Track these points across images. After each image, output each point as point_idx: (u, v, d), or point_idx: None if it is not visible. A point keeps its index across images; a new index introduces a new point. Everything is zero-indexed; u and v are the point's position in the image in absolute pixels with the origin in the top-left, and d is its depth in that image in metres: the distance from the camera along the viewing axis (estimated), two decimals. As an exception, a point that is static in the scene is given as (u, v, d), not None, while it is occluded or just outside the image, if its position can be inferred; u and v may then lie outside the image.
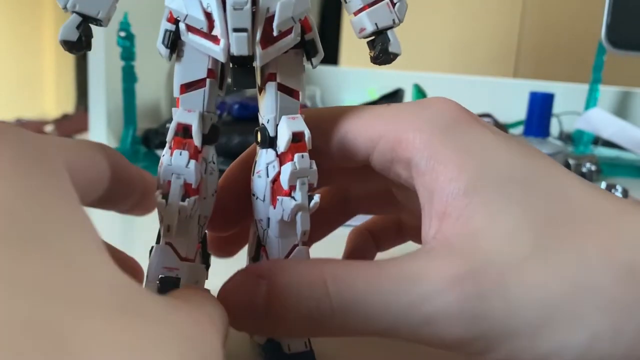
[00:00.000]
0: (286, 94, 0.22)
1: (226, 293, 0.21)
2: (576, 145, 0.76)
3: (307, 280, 0.20)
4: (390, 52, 0.22)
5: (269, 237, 0.23)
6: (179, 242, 0.22)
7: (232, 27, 0.20)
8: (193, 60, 0.22)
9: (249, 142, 0.24)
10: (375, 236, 0.30)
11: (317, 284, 0.19)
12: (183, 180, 0.21)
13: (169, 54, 0.22)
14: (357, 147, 0.23)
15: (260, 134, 0.23)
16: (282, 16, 0.20)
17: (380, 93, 0.88)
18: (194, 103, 0.22)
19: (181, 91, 0.22)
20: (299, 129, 0.22)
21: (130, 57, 0.59)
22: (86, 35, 0.21)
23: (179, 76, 0.22)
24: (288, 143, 0.22)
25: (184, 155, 0.21)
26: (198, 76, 0.22)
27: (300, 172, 0.22)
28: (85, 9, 0.20)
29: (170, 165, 0.21)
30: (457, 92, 1.01)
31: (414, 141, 0.21)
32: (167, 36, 0.21)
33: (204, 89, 0.22)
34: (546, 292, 0.18)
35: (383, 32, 0.22)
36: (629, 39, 0.60)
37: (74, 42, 0.21)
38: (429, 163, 0.21)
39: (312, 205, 0.22)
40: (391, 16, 0.22)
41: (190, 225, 0.22)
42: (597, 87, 0.74)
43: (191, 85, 0.22)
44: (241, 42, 0.20)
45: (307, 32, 0.22)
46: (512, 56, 1.31)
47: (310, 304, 0.19)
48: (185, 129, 0.22)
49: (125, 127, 0.61)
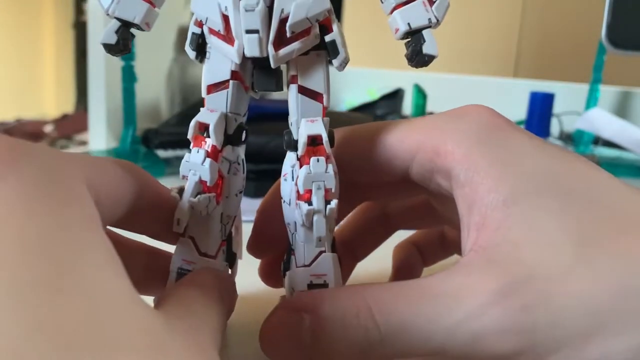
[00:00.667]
0: (307, 96, 0.22)
1: (270, 331, 0.20)
2: (576, 145, 0.75)
3: (352, 310, 0.19)
4: (424, 53, 0.21)
5: (296, 242, 0.23)
6: (200, 238, 0.23)
7: (244, 28, 0.20)
8: (217, 61, 0.22)
9: (248, 142, 0.24)
10: (420, 250, 0.29)
11: (363, 312, 0.19)
12: (199, 177, 0.22)
13: (196, 56, 0.22)
14: (396, 160, 0.23)
15: (286, 137, 0.23)
16: (296, 17, 0.20)
17: (380, 93, 0.88)
18: (217, 103, 0.22)
19: (208, 91, 0.22)
20: (317, 132, 0.21)
21: (130, 57, 0.59)
22: (124, 39, 0.22)
23: (206, 77, 0.22)
24: (304, 146, 0.21)
25: (201, 153, 0.22)
26: (222, 77, 0.22)
27: (315, 176, 0.21)
28: (123, 14, 0.22)
29: (188, 162, 0.22)
30: (457, 92, 1.01)
31: (453, 152, 0.21)
32: (194, 39, 0.22)
33: (227, 90, 0.22)
34: (592, 299, 0.18)
35: (418, 32, 0.21)
36: (629, 38, 0.60)
37: (112, 45, 0.22)
38: (467, 175, 0.21)
39: (329, 211, 0.21)
40: (427, 15, 0.21)
41: (211, 223, 0.23)
42: (598, 87, 0.74)
43: (216, 86, 0.22)
44: (252, 43, 0.20)
45: (329, 32, 0.21)
46: (512, 56, 1.31)
47: (358, 334, 0.19)
48: (206, 128, 0.22)
49: (125, 127, 0.61)
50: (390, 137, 0.23)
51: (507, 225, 0.19)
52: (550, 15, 1.28)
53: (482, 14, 1.32)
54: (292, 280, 0.23)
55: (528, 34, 1.30)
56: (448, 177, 0.22)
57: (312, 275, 0.22)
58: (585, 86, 0.77)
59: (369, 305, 0.19)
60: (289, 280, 0.23)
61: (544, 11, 1.28)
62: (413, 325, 0.19)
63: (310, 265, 0.23)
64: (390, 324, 0.19)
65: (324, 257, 0.23)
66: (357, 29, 1.16)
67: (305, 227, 0.22)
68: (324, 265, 0.23)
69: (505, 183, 0.20)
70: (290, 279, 0.23)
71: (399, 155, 0.23)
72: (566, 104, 0.84)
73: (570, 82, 0.90)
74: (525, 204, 0.19)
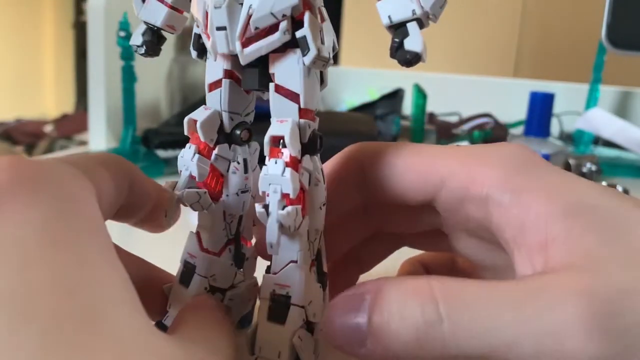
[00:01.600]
0: (283, 95, 0.21)
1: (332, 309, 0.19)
2: (576, 145, 0.75)
3: (413, 287, 0.18)
4: (406, 49, 0.19)
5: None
6: (204, 234, 0.24)
7: (214, 25, 0.20)
8: (213, 61, 0.22)
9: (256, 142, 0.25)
10: (428, 272, 0.28)
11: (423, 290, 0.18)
12: (189, 172, 0.22)
13: (197, 55, 0.23)
14: (420, 185, 0.22)
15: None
16: (260, 12, 0.19)
17: (380, 93, 0.88)
18: (213, 102, 0.23)
19: (209, 89, 0.23)
20: (280, 133, 0.20)
21: (129, 56, 0.59)
22: (150, 41, 0.23)
23: (206, 76, 0.23)
24: (266, 146, 0.20)
25: (192, 149, 0.22)
26: (217, 76, 0.22)
27: (270, 178, 0.20)
28: (147, 18, 0.23)
29: (182, 157, 0.23)
30: (457, 92, 1.01)
31: (490, 177, 0.21)
32: (195, 39, 0.23)
33: (220, 89, 0.22)
34: None
35: (401, 26, 0.19)
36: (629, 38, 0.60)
37: (139, 46, 0.23)
38: (513, 196, 0.20)
39: (280, 217, 0.19)
40: (410, 6, 0.19)
41: (213, 219, 0.23)
42: (598, 87, 0.74)
43: (213, 85, 0.22)
44: (221, 39, 0.20)
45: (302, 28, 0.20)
46: (512, 56, 1.31)
47: (414, 310, 0.17)
48: None
49: (125, 127, 0.61)
50: (421, 160, 0.22)
51: (577, 234, 0.18)
52: (550, 15, 1.28)
53: (482, 14, 1.32)
54: (261, 285, 0.22)
55: (528, 34, 1.30)
56: (484, 204, 0.21)
57: (276, 284, 0.21)
58: (585, 86, 0.77)
59: (431, 285, 0.18)
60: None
61: (544, 11, 1.28)
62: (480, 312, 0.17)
63: (277, 273, 0.21)
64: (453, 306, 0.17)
65: (290, 268, 0.21)
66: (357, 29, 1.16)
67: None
68: (289, 277, 0.21)
69: (560, 198, 0.19)
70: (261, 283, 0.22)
71: (427, 180, 0.22)
72: (566, 104, 0.84)
73: (570, 82, 0.90)
74: (588, 217, 0.19)
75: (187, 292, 0.23)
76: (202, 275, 0.23)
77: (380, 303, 0.18)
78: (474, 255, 0.25)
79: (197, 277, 0.23)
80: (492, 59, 1.32)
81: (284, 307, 0.21)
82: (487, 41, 1.32)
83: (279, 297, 0.21)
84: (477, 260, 0.25)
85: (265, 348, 0.21)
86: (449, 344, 0.17)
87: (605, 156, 0.73)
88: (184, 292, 0.23)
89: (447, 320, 0.17)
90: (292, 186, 0.20)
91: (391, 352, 0.18)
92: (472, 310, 0.17)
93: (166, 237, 0.26)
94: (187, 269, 0.24)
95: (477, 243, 0.24)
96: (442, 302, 0.17)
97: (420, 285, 0.18)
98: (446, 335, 0.17)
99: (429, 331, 0.17)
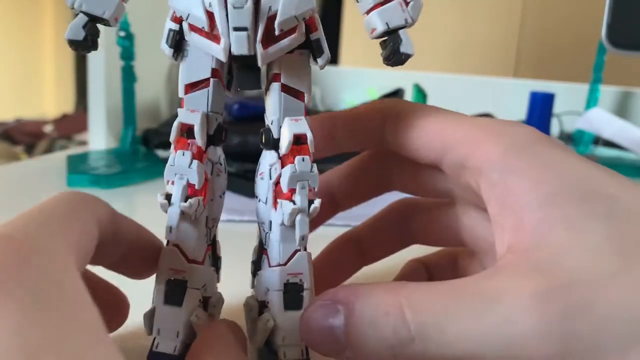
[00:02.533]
0: (290, 95, 0.22)
1: (309, 319, 0.20)
2: (577, 145, 0.75)
3: (383, 307, 0.19)
4: (401, 52, 0.21)
5: (270, 241, 0.22)
6: (186, 244, 0.22)
7: (232, 26, 0.20)
8: (197, 60, 0.22)
9: (249, 142, 0.24)
10: (428, 271, 0.29)
11: (394, 310, 0.19)
12: (186, 181, 0.21)
13: (173, 54, 0.22)
14: (431, 146, 0.23)
15: (264, 136, 0.22)
16: (285, 14, 0.20)
17: (380, 93, 0.88)
18: (198, 103, 0.22)
19: (185, 91, 0.22)
20: (301, 131, 0.21)
21: (129, 56, 0.59)
22: (92, 35, 0.21)
23: (183, 76, 0.22)
24: (289, 145, 0.21)
25: (187, 155, 0.21)
26: (202, 76, 0.22)
27: (300, 175, 0.21)
28: (91, 8, 0.20)
29: (173, 166, 0.21)
30: (457, 92, 1.01)
31: (487, 153, 0.21)
32: (171, 36, 0.21)
33: (208, 89, 0.22)
34: (635, 309, 0.17)
35: (395, 32, 0.21)
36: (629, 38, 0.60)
37: (80, 41, 0.20)
38: (501, 175, 0.21)
39: (312, 210, 0.21)
40: (403, 15, 0.21)
41: (198, 227, 0.22)
42: (598, 87, 0.74)
43: (195, 85, 0.22)
44: (241, 41, 0.20)
45: (313, 31, 0.21)
46: (512, 56, 1.31)
47: (387, 331, 0.19)
48: (189, 129, 0.21)
49: (125, 127, 0.61)
50: (436, 124, 0.24)
51: (547, 227, 0.19)
52: (550, 15, 1.28)
53: (482, 14, 1.32)
54: (267, 280, 0.22)
55: (528, 34, 1.30)
56: (477, 176, 0.22)
57: (289, 274, 0.22)
58: (585, 86, 0.77)
59: (400, 303, 0.19)
60: (264, 279, 0.22)
61: (544, 11, 1.28)
62: (447, 327, 0.18)
63: (286, 264, 0.22)
64: (422, 323, 0.18)
65: (299, 256, 0.22)
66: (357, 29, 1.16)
67: (284, 226, 0.22)
68: (299, 264, 0.22)
69: (544, 185, 0.20)
70: (265, 278, 0.22)
71: (438, 143, 0.23)
72: (566, 104, 0.84)
73: (570, 82, 0.90)
74: (566, 207, 0.19)
75: (182, 310, 0.22)
76: (196, 288, 0.22)
77: (354, 322, 0.19)
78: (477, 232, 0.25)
79: (191, 291, 0.22)
80: (492, 59, 1.32)
81: (298, 293, 0.22)
82: (487, 41, 1.32)
83: (293, 286, 0.22)
84: (480, 239, 0.25)
85: (290, 336, 0.22)
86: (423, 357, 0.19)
87: (605, 156, 0.73)
88: (177, 313, 0.22)
89: (417, 338, 0.18)
90: (318, 181, 0.22)
91: None
92: (439, 325, 0.18)
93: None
94: (173, 287, 0.22)
95: (482, 218, 0.25)
96: (412, 322, 0.19)
97: (390, 304, 0.19)
98: (417, 350, 0.19)
99: (403, 349, 0.19)
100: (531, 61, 1.29)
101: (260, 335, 0.22)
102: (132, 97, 0.60)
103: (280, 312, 0.22)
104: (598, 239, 0.18)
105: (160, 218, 0.22)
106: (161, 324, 0.22)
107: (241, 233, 0.29)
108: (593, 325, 0.17)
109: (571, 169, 0.20)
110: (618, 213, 0.19)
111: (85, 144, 0.67)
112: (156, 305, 0.22)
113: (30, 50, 2.76)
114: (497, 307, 0.18)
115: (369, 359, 0.20)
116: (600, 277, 0.18)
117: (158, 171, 0.57)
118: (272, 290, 0.22)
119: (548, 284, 0.18)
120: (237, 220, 0.45)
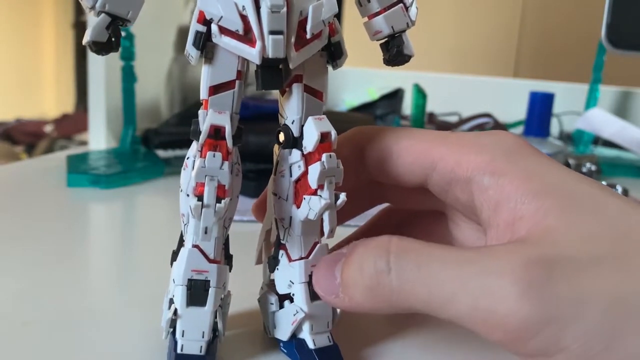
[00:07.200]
0: (311, 95, 0.23)
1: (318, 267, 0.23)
2: (576, 145, 0.75)
3: (371, 245, 0.20)
4: (405, 53, 0.23)
5: (291, 236, 0.24)
6: (206, 245, 0.23)
7: (269, 29, 0.20)
8: (224, 62, 0.21)
9: (250, 142, 0.25)
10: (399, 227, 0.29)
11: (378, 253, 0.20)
12: (217, 182, 0.21)
13: (199, 56, 0.21)
14: (417, 168, 0.24)
15: (284, 135, 0.23)
16: (315, 19, 0.21)
17: (380, 93, 0.88)
18: (224, 104, 0.22)
19: (210, 93, 0.22)
20: (327, 130, 0.22)
21: (129, 56, 0.59)
22: (116, 36, 0.21)
23: (209, 78, 0.22)
24: (316, 143, 0.22)
25: (218, 157, 0.21)
26: (228, 78, 0.22)
27: (328, 172, 0.22)
28: (116, 9, 0.20)
29: (204, 167, 0.21)
30: (457, 92, 1.01)
31: (475, 161, 0.22)
32: (198, 37, 0.21)
33: (234, 90, 0.22)
34: (620, 291, 0.17)
35: (397, 35, 0.23)
36: (629, 39, 0.60)
37: (104, 43, 0.20)
38: (492, 178, 0.21)
39: (339, 203, 0.22)
40: (405, 19, 0.23)
41: (217, 227, 0.22)
42: (597, 87, 0.74)
43: (221, 87, 0.22)
44: (277, 44, 0.20)
45: (333, 35, 0.22)
46: (512, 56, 1.31)
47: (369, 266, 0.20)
48: (216, 130, 0.21)
49: (125, 127, 0.61)
50: (416, 145, 0.24)
51: (542, 215, 0.20)
52: (550, 15, 1.28)
53: (482, 14, 1.32)
54: (291, 273, 0.24)
55: (528, 34, 1.30)
56: (468, 185, 0.22)
57: (313, 265, 0.23)
58: (585, 86, 0.77)
59: (387, 247, 0.20)
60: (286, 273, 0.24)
61: (544, 11, 1.28)
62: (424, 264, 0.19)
63: (308, 256, 0.24)
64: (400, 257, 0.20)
65: (320, 248, 0.24)
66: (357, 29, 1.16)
67: (306, 220, 0.23)
68: (319, 257, 0.23)
69: (535, 181, 0.20)
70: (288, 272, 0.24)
71: (421, 164, 0.24)
72: (566, 104, 0.84)
73: (570, 82, 0.90)
74: (559, 199, 0.20)
75: (207, 310, 0.22)
76: (218, 287, 0.23)
77: (349, 259, 0.21)
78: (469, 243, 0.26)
79: (214, 290, 0.23)
80: (492, 59, 1.32)
81: None
82: (487, 41, 1.32)
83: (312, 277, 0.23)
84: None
85: (317, 325, 0.24)
86: (396, 294, 0.19)
87: (605, 156, 0.73)
88: (201, 314, 0.22)
89: (394, 269, 0.19)
90: (342, 176, 0.23)
91: (354, 301, 0.21)
92: (417, 263, 0.19)
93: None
94: (195, 287, 0.22)
95: (471, 229, 0.25)
96: (394, 254, 0.20)
97: (382, 240, 0.20)
98: (393, 284, 0.19)
99: (379, 279, 0.20)
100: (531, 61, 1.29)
101: (291, 327, 0.24)
102: (132, 97, 0.60)
103: (308, 303, 0.23)
104: (589, 229, 0.19)
105: (160, 218, 0.22)
106: (185, 325, 0.22)
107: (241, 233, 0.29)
108: (575, 295, 0.17)
109: (556, 172, 0.21)
110: (602, 208, 0.20)
111: (85, 144, 0.67)
112: (178, 307, 0.22)
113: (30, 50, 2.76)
114: (480, 259, 0.19)
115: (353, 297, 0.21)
116: (588, 257, 0.18)
117: (158, 171, 0.57)
118: (296, 283, 0.24)
119: (538, 252, 0.18)
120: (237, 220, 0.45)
